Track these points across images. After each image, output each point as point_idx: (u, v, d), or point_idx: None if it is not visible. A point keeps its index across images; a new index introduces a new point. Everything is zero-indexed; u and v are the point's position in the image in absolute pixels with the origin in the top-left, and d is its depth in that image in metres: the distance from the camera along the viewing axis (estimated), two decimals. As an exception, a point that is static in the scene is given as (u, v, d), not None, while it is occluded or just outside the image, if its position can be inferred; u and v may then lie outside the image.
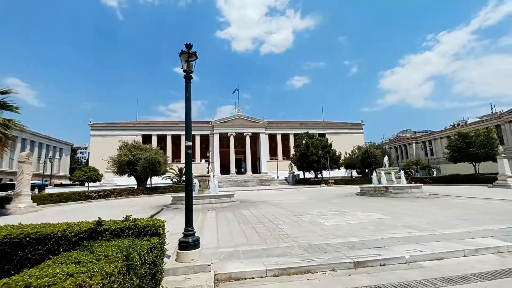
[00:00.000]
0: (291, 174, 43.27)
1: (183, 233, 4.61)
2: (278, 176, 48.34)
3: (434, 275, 4.08)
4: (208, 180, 15.93)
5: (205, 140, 55.49)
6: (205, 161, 24.64)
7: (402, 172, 18.57)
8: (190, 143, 4.66)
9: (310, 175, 42.58)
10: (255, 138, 58.83)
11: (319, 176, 38.72)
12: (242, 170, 58.50)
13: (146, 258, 2.79)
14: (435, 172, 52.34)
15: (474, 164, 27.30)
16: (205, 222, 9.35)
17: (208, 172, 43.35)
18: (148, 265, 2.86)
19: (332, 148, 39.63)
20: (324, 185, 32.79)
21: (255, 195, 22.30)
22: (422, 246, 5.28)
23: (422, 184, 17.74)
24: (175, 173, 41.13)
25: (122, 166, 28.19)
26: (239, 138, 57.41)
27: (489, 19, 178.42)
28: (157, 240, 3.37)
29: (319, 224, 8.25)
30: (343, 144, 48.25)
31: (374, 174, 19.53)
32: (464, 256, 4.98)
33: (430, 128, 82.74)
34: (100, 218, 3.62)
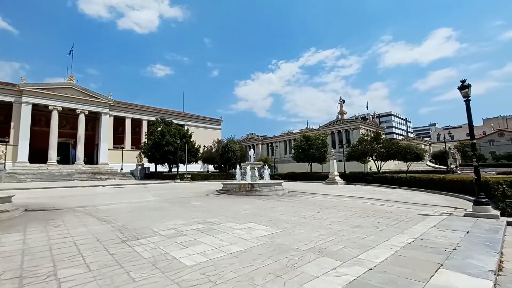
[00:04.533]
0: (140, 167, 35.79)
1: None
2: (122, 169, 39.09)
3: None
4: None
5: (4, 111, 36.61)
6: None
7: (266, 167, 17.55)
8: None
9: (163, 168, 36.80)
10: (94, 119, 45.51)
11: (174, 170, 33.87)
12: (71, 158, 43.53)
13: None
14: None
15: (310, 163, 32.01)
16: None
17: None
18: None
19: (191, 140, 35.89)
20: (179, 180, 28.40)
21: (73, 196, 14.65)
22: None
23: (282, 181, 17.40)
24: None
25: None
26: (69, 116, 42.49)
27: (310, 61, 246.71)
28: None
29: (172, 264, 3.95)
30: (202, 138, 45.77)
31: (238, 169, 17.53)
32: None
33: (269, 135, 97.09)
34: None
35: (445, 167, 50.05)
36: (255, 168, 17.01)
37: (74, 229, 6.31)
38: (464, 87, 8.66)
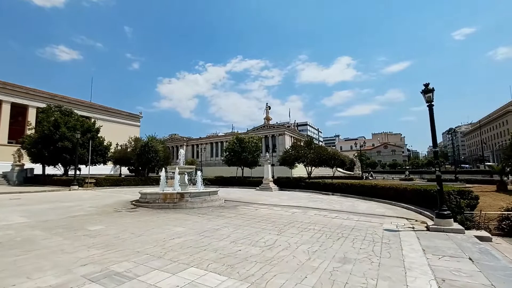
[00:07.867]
0: (18, 168, 26.68)
1: None
2: (-11, 170, 28.45)
3: None
4: None
5: None
6: None
7: (199, 173, 14.49)
8: None
9: (56, 170, 28.42)
10: None
11: (72, 172, 26.44)
12: None
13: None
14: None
15: (242, 167, 30.20)
16: None
17: None
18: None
19: (99, 136, 29.00)
20: (77, 187, 21.90)
21: None
22: None
23: (218, 189, 14.63)
24: None
25: None
26: None
27: (236, 67, 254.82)
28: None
29: None
30: (115, 135, 38.33)
31: (163, 174, 13.89)
32: None
33: (193, 136, 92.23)
34: None
35: (352, 173, 57.14)
36: (185, 173, 13.80)
37: None
38: (428, 91, 8.16)
